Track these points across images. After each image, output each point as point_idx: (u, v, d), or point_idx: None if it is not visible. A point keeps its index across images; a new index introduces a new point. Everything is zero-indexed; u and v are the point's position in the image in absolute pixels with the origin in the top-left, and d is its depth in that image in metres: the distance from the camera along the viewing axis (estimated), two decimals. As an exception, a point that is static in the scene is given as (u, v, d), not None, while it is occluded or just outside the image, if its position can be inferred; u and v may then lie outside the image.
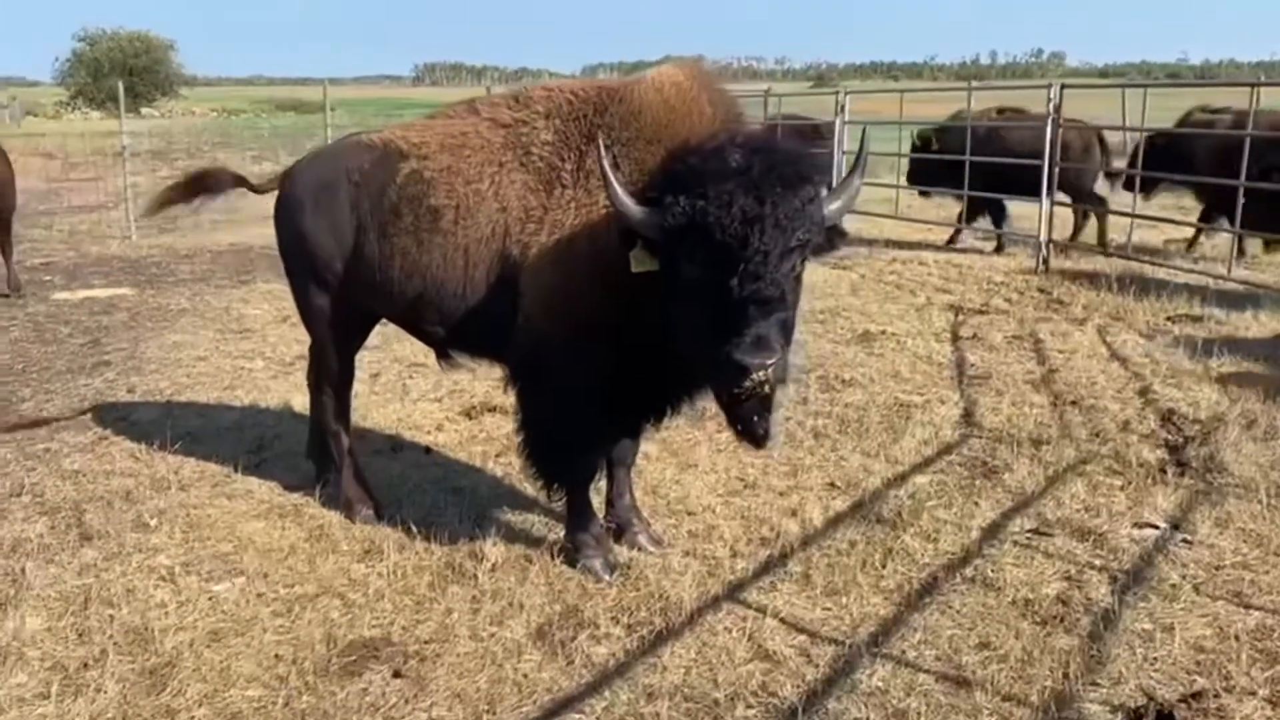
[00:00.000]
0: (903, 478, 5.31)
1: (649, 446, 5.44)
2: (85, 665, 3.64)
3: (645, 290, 3.67)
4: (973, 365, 7.44)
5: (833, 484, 5.25)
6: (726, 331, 3.31)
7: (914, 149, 13.62)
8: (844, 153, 14.23)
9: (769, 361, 3.29)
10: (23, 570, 4.33)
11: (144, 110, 46.51)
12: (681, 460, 5.55)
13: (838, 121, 14.45)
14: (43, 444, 5.98)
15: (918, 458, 5.60)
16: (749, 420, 3.72)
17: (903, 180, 14.56)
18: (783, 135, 13.30)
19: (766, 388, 3.42)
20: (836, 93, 15.31)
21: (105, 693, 3.46)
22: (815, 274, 10.48)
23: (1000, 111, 13.18)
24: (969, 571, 4.31)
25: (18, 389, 7.14)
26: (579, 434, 4.25)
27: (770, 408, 3.76)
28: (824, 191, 3.60)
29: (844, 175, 3.85)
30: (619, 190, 3.57)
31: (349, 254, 4.54)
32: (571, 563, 4.34)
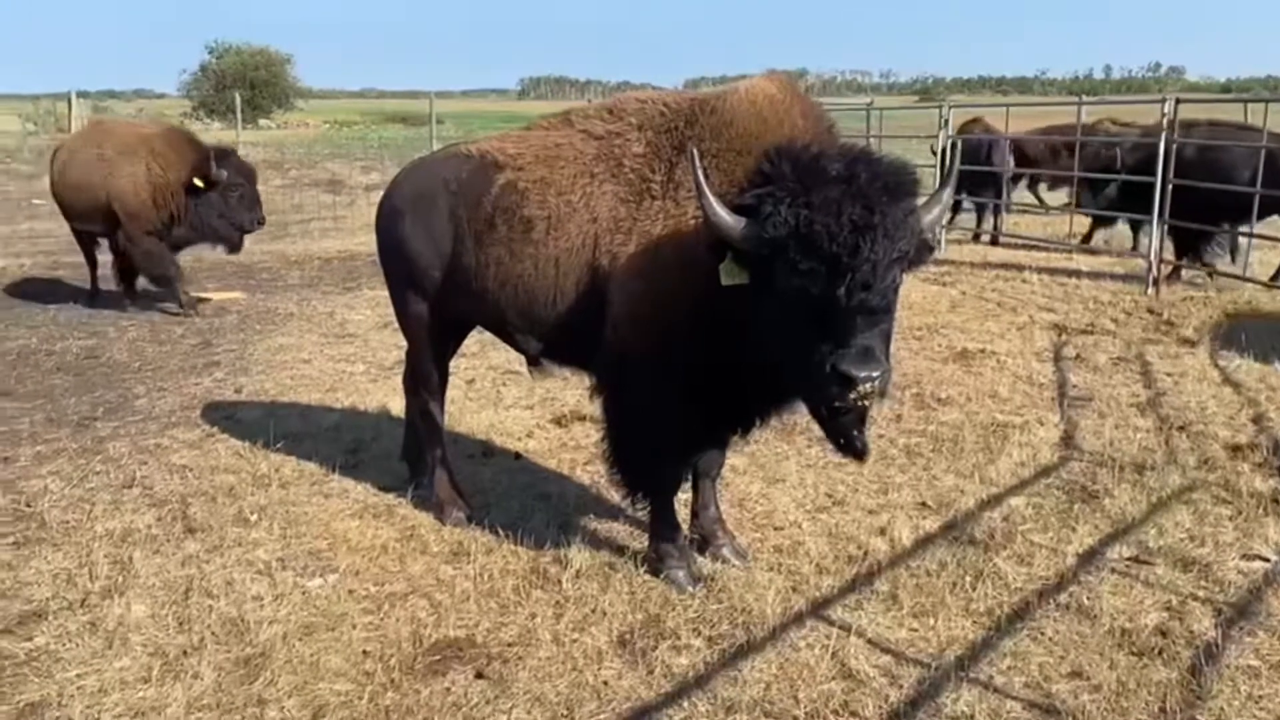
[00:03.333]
0: (997, 499, 5.18)
1: (736, 459, 5.43)
2: (185, 652, 3.79)
3: (733, 301, 3.65)
4: (1075, 386, 7.22)
5: (924, 503, 5.15)
6: (830, 342, 3.27)
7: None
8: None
9: (875, 374, 3.25)
10: (130, 559, 4.53)
11: (261, 122, 48.27)
12: (768, 474, 5.51)
13: (940, 135, 14.22)
14: (153, 439, 6.24)
15: (1014, 479, 5.45)
16: (848, 433, 3.70)
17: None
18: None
19: (870, 400, 3.37)
20: (940, 106, 15.06)
21: (202, 680, 3.60)
22: (913, 290, 10.35)
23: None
24: (1063, 598, 4.18)
25: (133, 385, 7.47)
26: (664, 443, 4.25)
27: (866, 422, 3.74)
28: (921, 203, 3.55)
29: (936, 188, 3.78)
30: (713, 201, 3.53)
31: (446, 262, 4.64)
32: (655, 572, 4.35)
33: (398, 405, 6.71)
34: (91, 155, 9.75)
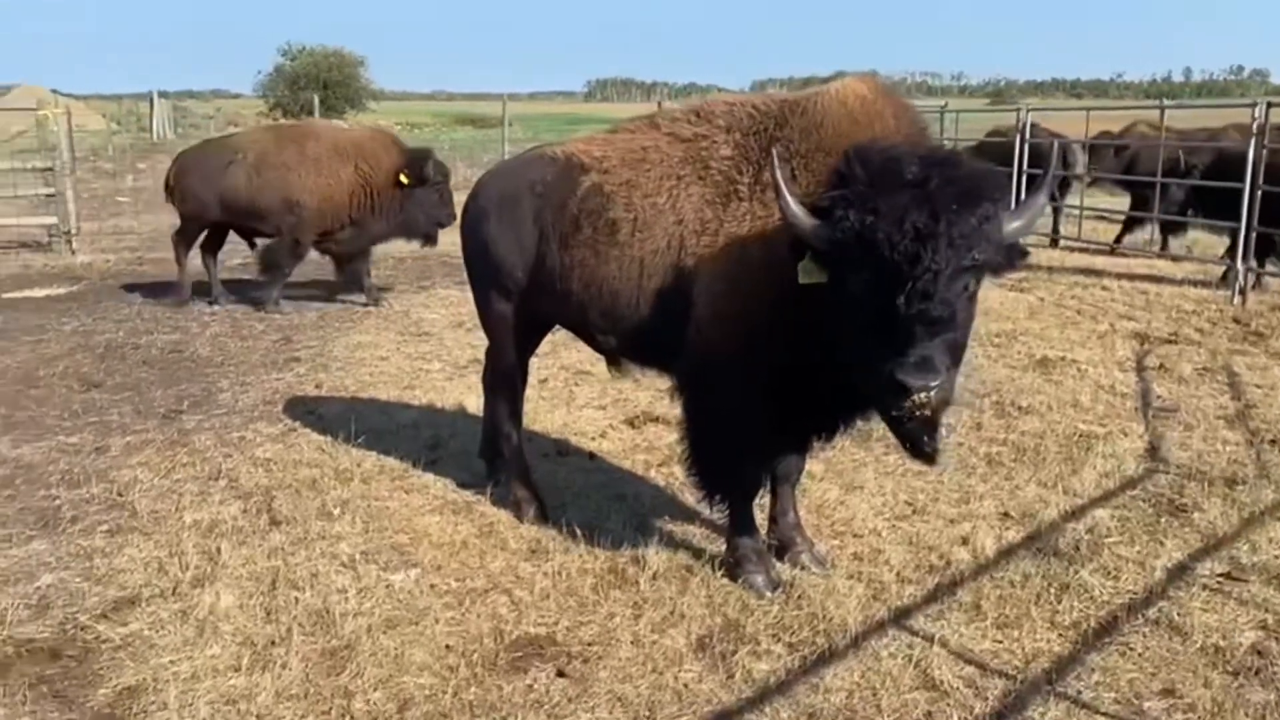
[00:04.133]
0: (1081, 511, 5.07)
1: (813, 465, 5.38)
2: (272, 642, 3.87)
3: (814, 303, 3.63)
4: (1159, 397, 7.05)
5: (1006, 513, 5.07)
6: (890, 349, 3.23)
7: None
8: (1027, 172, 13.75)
9: (932, 384, 3.19)
10: (218, 550, 4.63)
11: (335, 122, 49.27)
12: (846, 481, 5.46)
13: (1017, 140, 14.00)
14: (237, 432, 6.38)
15: (1098, 491, 5.33)
16: (916, 439, 3.68)
17: (1087, 201, 14.00)
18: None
19: (928, 410, 3.31)
20: (1018, 110, 14.81)
21: (290, 670, 3.67)
22: (991, 295, 10.19)
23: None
24: (1152, 613, 4.08)
25: (216, 379, 7.65)
26: (745, 447, 4.24)
27: (937, 427, 3.69)
28: (1004, 210, 3.47)
29: (1028, 193, 3.71)
30: (790, 200, 3.53)
31: (530, 263, 4.68)
32: (733, 577, 4.34)
33: (474, 403, 6.80)
34: (292, 156, 10.00)
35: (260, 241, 10.55)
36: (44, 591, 4.30)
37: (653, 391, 6.94)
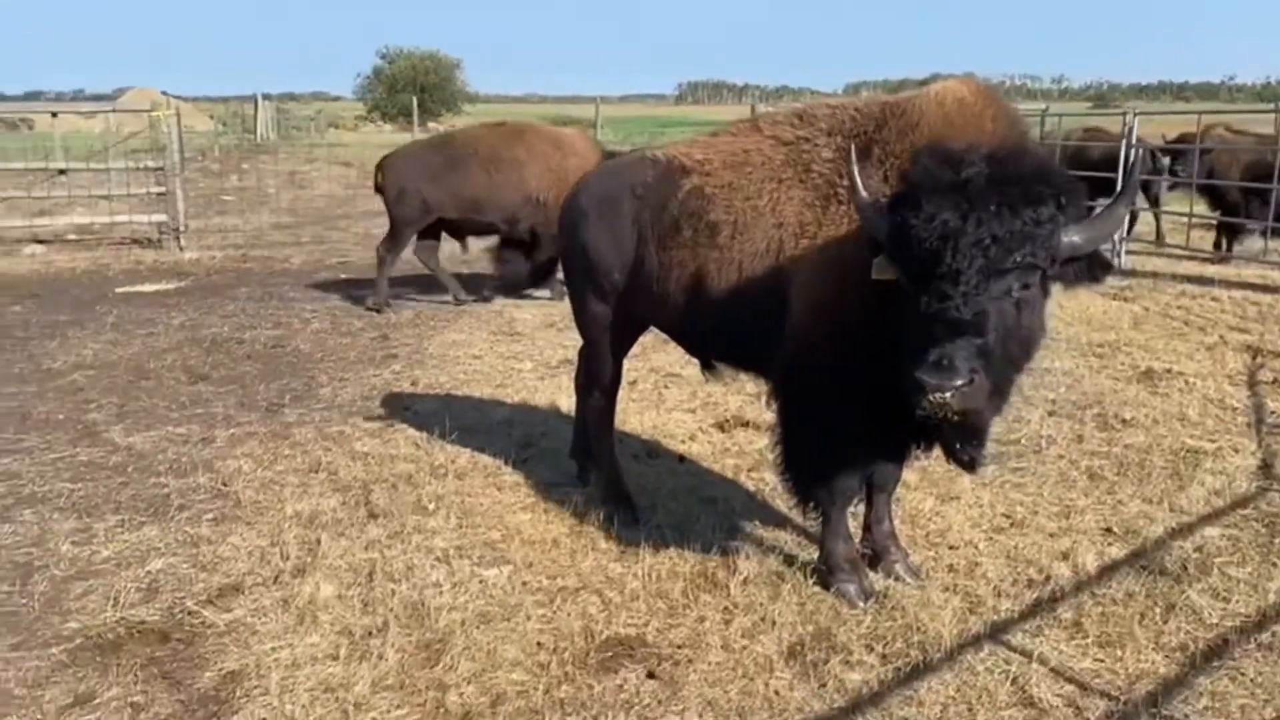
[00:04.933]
0: (1189, 529, 4.89)
1: (908, 474, 5.29)
2: (370, 633, 3.95)
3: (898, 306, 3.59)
4: (1273, 413, 6.76)
5: (1109, 529, 4.91)
6: (917, 348, 3.21)
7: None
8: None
9: (948, 384, 3.12)
10: (318, 541, 4.75)
11: (430, 124, 50.17)
12: (942, 492, 5.36)
13: (1123, 145, 13.56)
14: (336, 426, 6.54)
15: (1207, 509, 5.14)
16: (950, 443, 3.71)
17: (1197, 209, 13.53)
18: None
19: (950, 413, 3.22)
20: (1124, 114, 14.35)
21: (386, 660, 3.74)
22: (1093, 304, 9.91)
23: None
24: (1265, 637, 3.91)
25: (316, 375, 7.86)
26: (840, 453, 4.19)
27: (974, 436, 3.69)
28: (1070, 216, 3.33)
29: (1109, 201, 3.58)
30: (861, 194, 3.56)
31: (628, 264, 4.71)
32: (825, 585, 4.29)
33: (565, 403, 6.86)
34: (521, 152, 10.30)
35: (474, 240, 10.86)
36: (154, 576, 4.46)
37: (743, 396, 6.92)
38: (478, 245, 11.00)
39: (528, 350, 8.67)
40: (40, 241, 14.19)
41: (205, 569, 4.53)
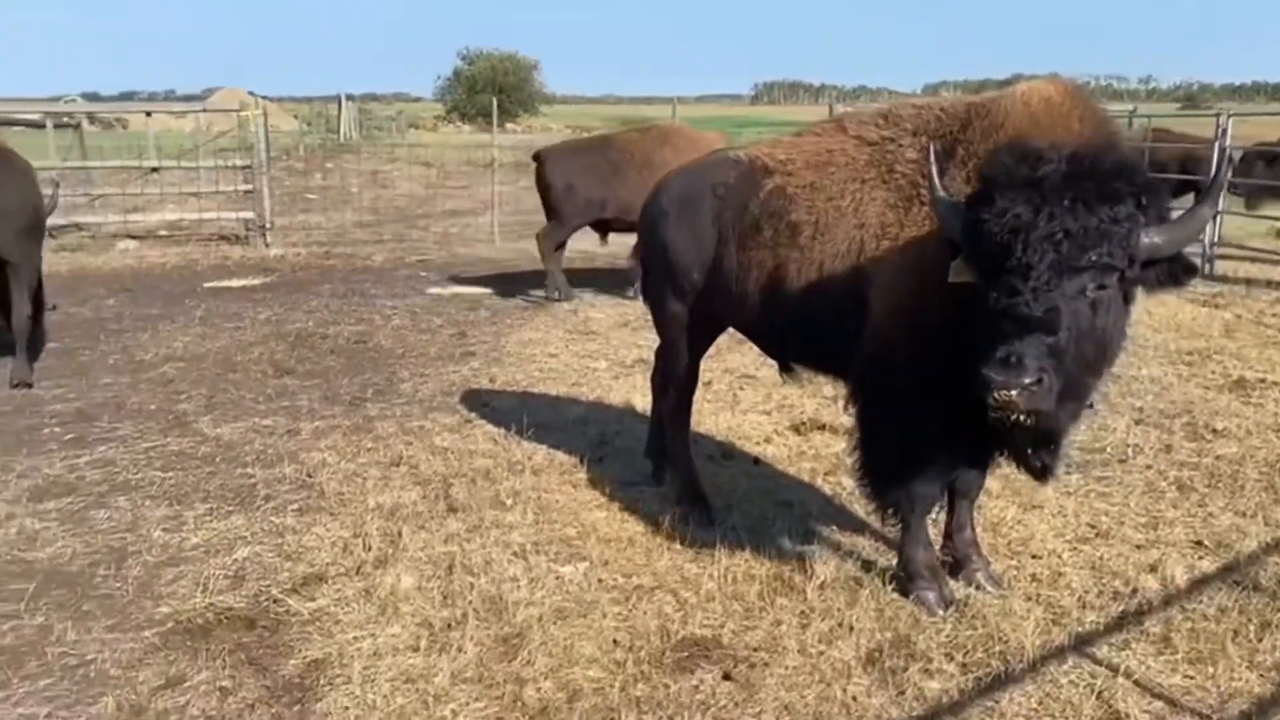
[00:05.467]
0: (1286, 544, 4.73)
1: (989, 482, 5.19)
2: (449, 626, 4.01)
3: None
4: (1376, 426, 6.49)
5: (1199, 542, 4.77)
6: (986, 345, 3.16)
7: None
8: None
9: (1015, 381, 3.07)
10: (399, 533, 4.83)
11: (508, 125, 50.74)
12: (1024, 500, 5.25)
13: (1216, 147, 13.14)
14: (417, 421, 6.64)
15: (1304, 524, 4.96)
16: (1021, 448, 3.66)
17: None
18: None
19: (1018, 413, 3.16)
20: (1217, 115, 13.91)
21: (465, 653, 3.79)
22: (1180, 310, 9.62)
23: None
24: (1368, 660, 3.76)
25: (398, 370, 7.99)
26: (921, 458, 4.13)
27: (1046, 441, 3.63)
28: (1150, 217, 3.25)
29: (1194, 204, 3.48)
30: (938, 192, 3.53)
31: (708, 264, 4.70)
32: (904, 592, 4.24)
33: (640, 402, 6.88)
34: (670, 155, 10.52)
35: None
36: (241, 564, 4.58)
37: (820, 398, 6.88)
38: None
39: (602, 349, 8.72)
40: (133, 237, 14.67)
41: (290, 558, 4.63)
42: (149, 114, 17.97)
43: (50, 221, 8.58)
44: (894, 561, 4.41)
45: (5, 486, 5.42)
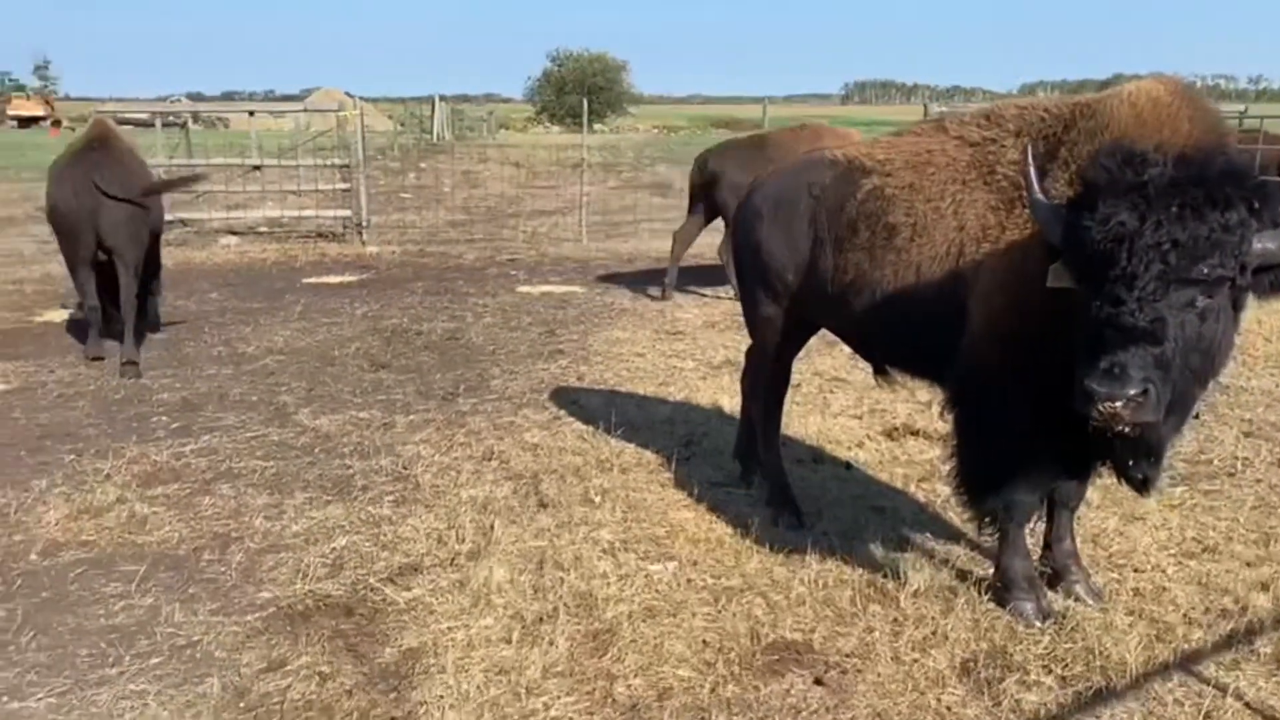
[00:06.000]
0: None
1: (1089, 492, 5.06)
2: (540, 619, 4.05)
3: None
4: None
5: (1315, 561, 4.58)
6: (1088, 355, 3.08)
7: None
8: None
9: (1119, 394, 2.97)
10: (492, 526, 4.90)
11: (595, 126, 51.08)
12: (1126, 511, 5.09)
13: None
14: (507, 417, 6.73)
15: None
16: (1123, 460, 3.57)
17: None
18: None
19: (1122, 425, 3.06)
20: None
21: (556, 647, 3.83)
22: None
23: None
24: None
25: (489, 368, 8.10)
26: (1020, 467, 4.03)
27: (1149, 453, 3.52)
28: (1262, 224, 3.10)
29: None
30: (1036, 194, 3.45)
31: (802, 266, 4.67)
32: (1000, 602, 4.15)
33: (727, 403, 6.86)
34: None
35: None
36: (339, 552, 4.70)
37: (913, 403, 6.77)
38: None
39: (690, 349, 8.71)
40: (235, 233, 15.14)
41: (386, 548, 4.73)
42: (252, 113, 18.49)
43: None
44: (990, 571, 4.32)
45: (117, 471, 5.64)
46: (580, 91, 48.85)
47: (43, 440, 6.24)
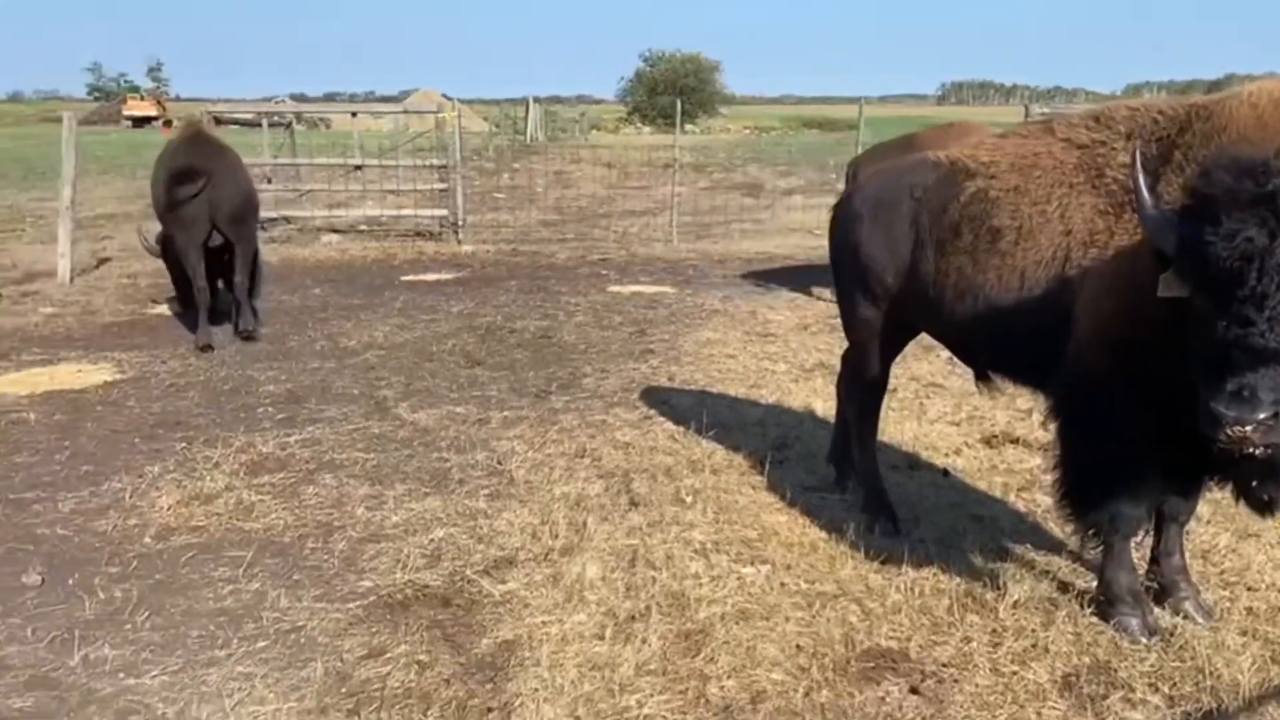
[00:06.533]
0: None
1: (1200, 506, 4.89)
2: (633, 617, 4.07)
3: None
4: None
5: None
6: (1213, 375, 2.97)
7: None
8: None
9: (1249, 418, 2.87)
10: (584, 523, 4.94)
11: (686, 126, 51.16)
12: (1239, 527, 4.90)
13: None
14: (599, 415, 6.79)
15: None
16: (1247, 482, 3.44)
17: None
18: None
19: (1251, 448, 2.95)
20: None
21: (649, 645, 3.84)
22: None
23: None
24: None
25: (580, 366, 8.17)
26: (1126, 479, 3.92)
27: (1276, 475, 3.37)
28: None
29: None
30: (1146, 203, 3.33)
31: (903, 268, 4.61)
32: (1104, 616, 4.03)
33: (820, 406, 6.81)
34: None
35: None
36: (437, 544, 4.79)
37: (1013, 411, 6.63)
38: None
39: (781, 352, 8.66)
40: (336, 231, 15.55)
41: (482, 541, 4.81)
42: (354, 114, 19.00)
43: (262, 214, 9.72)
44: (1093, 584, 4.21)
45: (225, 460, 5.85)
46: (673, 92, 48.93)
47: (156, 428, 6.51)
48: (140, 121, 57.97)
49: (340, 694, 3.60)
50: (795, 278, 12.01)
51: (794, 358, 8.45)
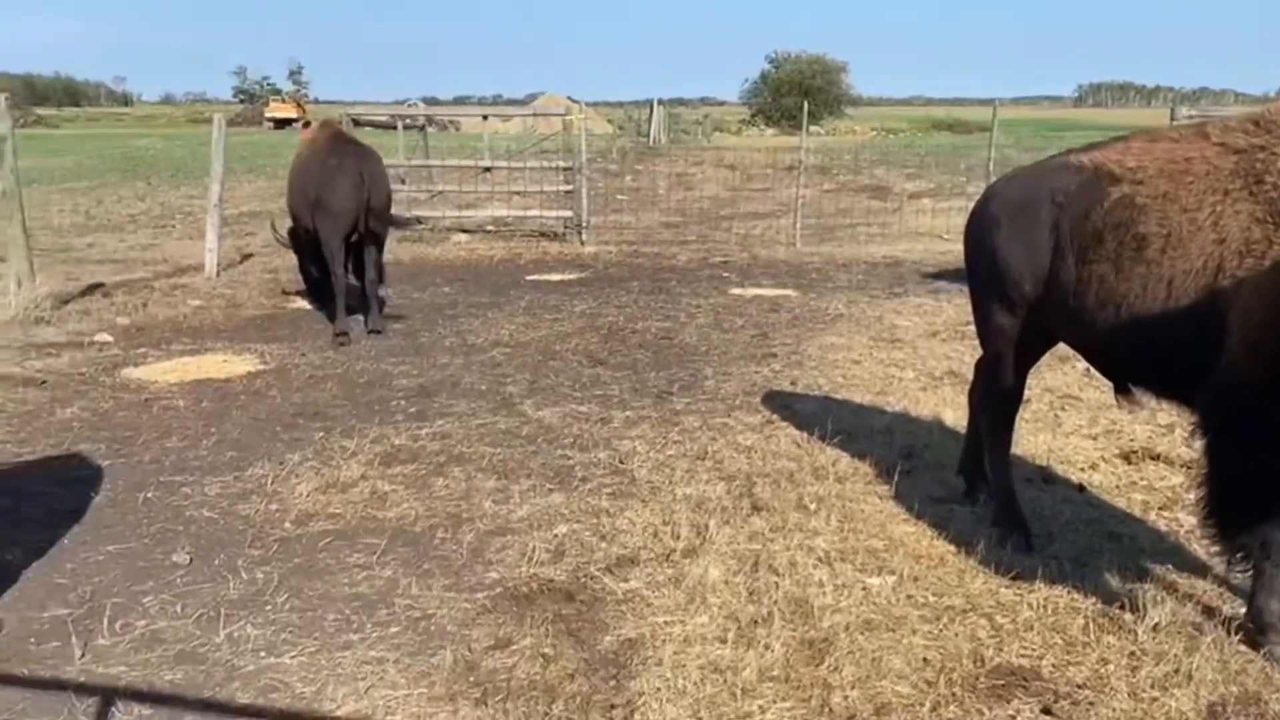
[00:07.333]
0: None
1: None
2: (755, 622, 4.05)
3: None
4: None
5: None
6: None
7: None
8: None
9: None
10: (706, 525, 4.94)
11: (811, 128, 50.66)
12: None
13: None
14: (720, 418, 6.78)
15: None
16: None
17: None
18: None
19: None
20: None
21: (772, 651, 3.82)
22: None
23: None
24: None
25: (701, 368, 8.18)
26: (1279, 499, 3.73)
27: None
28: None
29: None
30: None
31: (1041, 276, 4.47)
32: (1254, 645, 3.83)
33: (950, 416, 6.65)
34: None
35: None
36: (560, 540, 4.87)
37: (1153, 425, 6.37)
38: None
39: (909, 359, 8.49)
40: (465, 231, 15.94)
41: (604, 538, 4.87)
42: (485, 117, 19.47)
43: (396, 213, 10.37)
44: (1241, 610, 4.01)
45: (360, 450, 6.06)
46: (798, 93, 48.51)
47: (296, 418, 6.78)
48: (281, 123, 60.56)
49: (468, 683, 3.69)
50: (925, 282, 11.77)
51: (922, 365, 8.28)
